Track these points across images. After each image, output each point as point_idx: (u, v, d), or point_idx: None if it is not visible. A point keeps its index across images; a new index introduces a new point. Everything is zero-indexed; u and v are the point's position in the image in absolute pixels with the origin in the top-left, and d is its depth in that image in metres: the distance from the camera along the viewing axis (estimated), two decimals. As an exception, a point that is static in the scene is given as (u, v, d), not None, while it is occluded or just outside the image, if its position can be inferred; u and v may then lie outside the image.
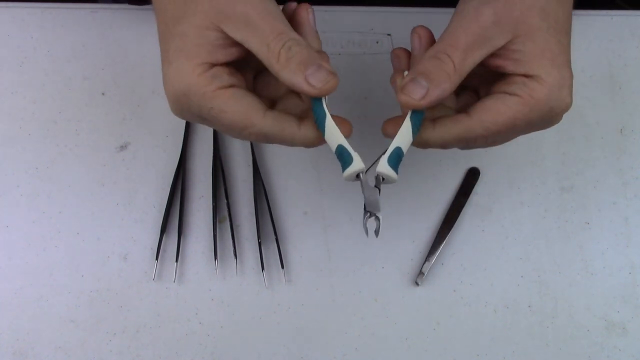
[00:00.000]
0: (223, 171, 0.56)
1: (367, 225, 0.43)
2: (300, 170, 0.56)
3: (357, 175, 0.42)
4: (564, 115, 0.42)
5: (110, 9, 0.62)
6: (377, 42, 0.61)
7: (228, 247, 0.54)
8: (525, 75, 0.39)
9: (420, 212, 0.55)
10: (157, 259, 0.53)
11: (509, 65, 0.40)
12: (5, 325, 0.52)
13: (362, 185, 0.42)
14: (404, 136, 0.42)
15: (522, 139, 0.57)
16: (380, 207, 0.42)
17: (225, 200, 0.55)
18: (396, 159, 0.42)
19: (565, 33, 0.41)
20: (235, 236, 0.54)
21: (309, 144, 0.41)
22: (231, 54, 0.39)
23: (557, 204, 0.56)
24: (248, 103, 0.39)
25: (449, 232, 0.54)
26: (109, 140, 0.57)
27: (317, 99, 0.41)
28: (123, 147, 0.57)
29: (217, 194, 0.55)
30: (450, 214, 0.55)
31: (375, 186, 0.43)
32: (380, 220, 0.43)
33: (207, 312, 0.53)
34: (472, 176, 0.56)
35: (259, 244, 0.54)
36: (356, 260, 0.54)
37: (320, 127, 0.42)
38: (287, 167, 0.57)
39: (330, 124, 0.41)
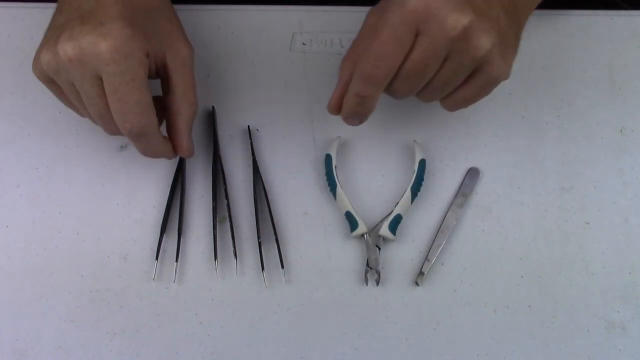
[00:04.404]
0: (223, 171, 0.56)
1: (368, 276, 0.52)
2: (300, 170, 0.56)
3: (362, 235, 0.53)
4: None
5: (110, 9, 0.62)
6: (377, 42, 0.61)
7: (228, 247, 0.54)
8: None
9: (420, 212, 0.55)
10: (157, 259, 0.53)
11: None
12: (5, 325, 0.52)
13: (365, 244, 0.53)
14: (404, 204, 0.53)
15: (522, 139, 0.57)
16: (380, 263, 0.52)
17: (225, 200, 0.55)
18: (395, 223, 0.53)
19: None
20: (235, 236, 0.54)
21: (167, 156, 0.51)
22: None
23: (557, 204, 0.56)
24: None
25: (449, 232, 0.54)
26: (109, 140, 0.57)
27: (330, 170, 0.54)
28: (123, 147, 0.57)
29: (217, 194, 0.55)
30: (450, 214, 0.55)
31: (377, 245, 0.53)
32: (380, 274, 0.52)
33: (207, 312, 0.53)
34: (472, 176, 0.56)
35: (259, 244, 0.54)
36: (356, 260, 0.54)
37: (332, 191, 0.54)
38: (287, 167, 0.57)
39: (340, 192, 0.53)
